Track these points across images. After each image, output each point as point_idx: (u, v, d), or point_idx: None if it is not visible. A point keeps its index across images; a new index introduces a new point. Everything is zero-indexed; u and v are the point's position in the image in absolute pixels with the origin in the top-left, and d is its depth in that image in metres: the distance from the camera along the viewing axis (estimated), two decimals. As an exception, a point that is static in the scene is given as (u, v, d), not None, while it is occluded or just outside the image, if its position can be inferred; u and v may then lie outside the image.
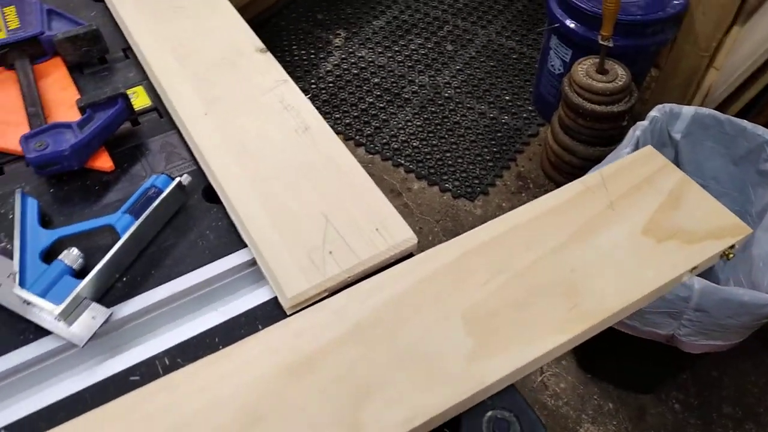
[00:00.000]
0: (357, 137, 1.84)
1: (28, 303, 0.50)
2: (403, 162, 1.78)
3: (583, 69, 1.62)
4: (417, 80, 2.00)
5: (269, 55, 0.68)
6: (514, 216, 0.56)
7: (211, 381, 0.46)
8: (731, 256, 0.53)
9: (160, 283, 0.53)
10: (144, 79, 0.70)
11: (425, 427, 0.45)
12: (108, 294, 0.53)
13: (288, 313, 0.51)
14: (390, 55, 2.08)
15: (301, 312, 0.50)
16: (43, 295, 0.50)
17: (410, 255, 0.54)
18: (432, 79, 2.01)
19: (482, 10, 2.25)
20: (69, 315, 0.50)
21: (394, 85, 1.99)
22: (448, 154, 1.80)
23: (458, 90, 1.98)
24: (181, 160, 0.62)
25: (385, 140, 1.84)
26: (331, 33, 2.15)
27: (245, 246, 0.56)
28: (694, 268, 0.52)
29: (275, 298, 0.53)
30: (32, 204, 0.56)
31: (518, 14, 2.24)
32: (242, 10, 0.72)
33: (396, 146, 1.82)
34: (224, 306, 0.53)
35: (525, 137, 1.86)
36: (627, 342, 1.21)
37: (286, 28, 2.17)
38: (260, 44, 0.69)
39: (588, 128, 1.62)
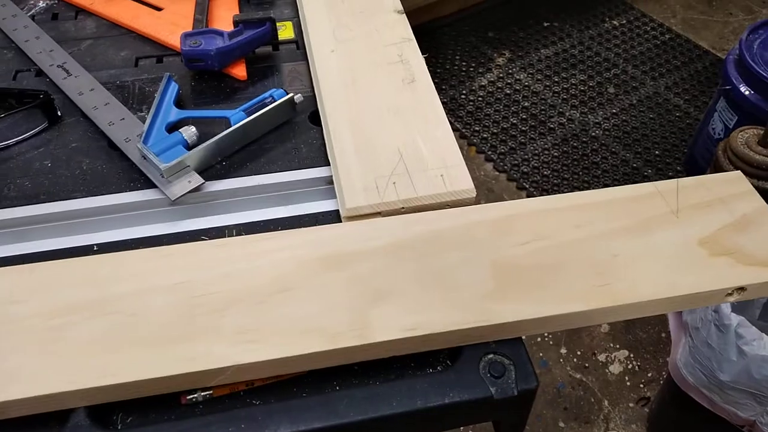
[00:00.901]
0: (489, 152, 1.88)
1: (145, 158, 0.61)
2: (527, 186, 1.79)
3: (744, 137, 1.54)
4: (567, 113, 2.00)
5: (404, 16, 0.75)
6: (576, 197, 0.58)
7: (258, 251, 0.53)
8: (788, 290, 0.51)
9: (251, 174, 0.62)
10: (295, 17, 0.80)
11: (426, 342, 0.49)
12: (208, 170, 0.62)
13: (342, 222, 0.57)
14: (548, 84, 2.09)
15: (352, 222, 0.56)
16: (158, 154, 0.60)
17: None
18: (583, 115, 1.99)
19: (658, 62, 2.18)
20: (172, 174, 0.60)
21: (542, 112, 2.00)
22: (577, 191, 1.78)
23: (607, 132, 1.94)
24: (302, 85, 0.71)
25: (516, 162, 1.85)
26: (497, 52, 2.20)
27: (328, 165, 0.62)
28: (742, 289, 0.51)
29: (337, 211, 0.59)
30: (173, 87, 0.67)
31: (695, 74, 2.15)
32: (417, 13, 0.79)
33: (526, 170, 1.83)
34: (294, 206, 0.61)
35: (663, 194, 1.78)
36: (705, 422, 1.14)
37: (455, 39, 2.25)
38: (399, 6, 0.76)
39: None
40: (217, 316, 0.49)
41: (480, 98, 2.05)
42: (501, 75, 2.12)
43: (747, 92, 1.58)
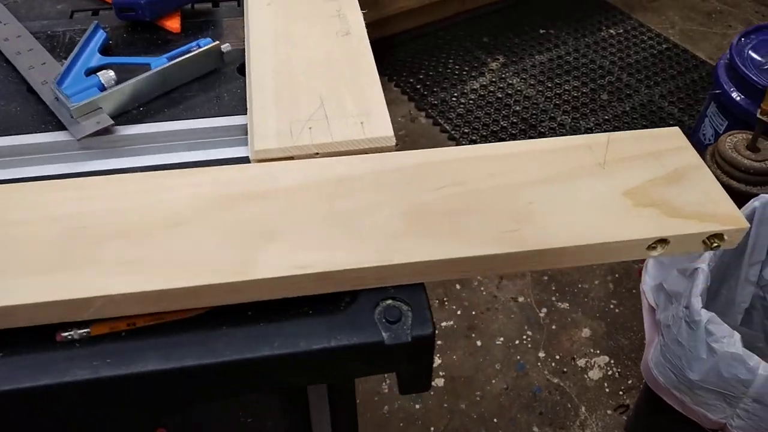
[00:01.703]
0: (478, 153, 1.85)
1: (58, 99, 0.59)
2: (514, 188, 1.75)
3: (732, 142, 1.50)
4: (558, 118, 1.97)
5: (347, -24, 0.73)
6: (500, 147, 0.54)
7: (157, 187, 0.50)
8: (715, 245, 0.48)
9: (167, 120, 0.59)
10: (240, -23, 0.78)
11: (321, 283, 0.45)
12: (124, 115, 0.60)
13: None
14: (541, 89, 2.06)
15: (258, 163, 0.53)
16: (70, 95, 0.58)
17: (386, 154, 0.55)
18: (575, 121, 1.96)
19: (653, 70, 2.15)
20: (81, 115, 0.57)
21: (534, 117, 1.97)
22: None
23: (598, 138, 1.91)
24: (236, 39, 0.69)
25: (504, 163, 1.82)
26: (491, 57, 2.18)
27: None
28: (665, 242, 0.47)
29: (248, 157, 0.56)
30: (100, 34, 0.65)
31: (691, 83, 2.12)
32: (414, 16, 0.75)
33: (513, 172, 1.80)
34: (206, 151, 0.58)
35: (652, 200, 1.74)
36: (677, 424, 1.08)
37: (450, 43, 2.24)
38: (344, -33, 0.74)
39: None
40: (98, 247, 0.46)
41: (471, 101, 2.02)
42: (494, 79, 2.10)
43: (738, 97, 1.54)
